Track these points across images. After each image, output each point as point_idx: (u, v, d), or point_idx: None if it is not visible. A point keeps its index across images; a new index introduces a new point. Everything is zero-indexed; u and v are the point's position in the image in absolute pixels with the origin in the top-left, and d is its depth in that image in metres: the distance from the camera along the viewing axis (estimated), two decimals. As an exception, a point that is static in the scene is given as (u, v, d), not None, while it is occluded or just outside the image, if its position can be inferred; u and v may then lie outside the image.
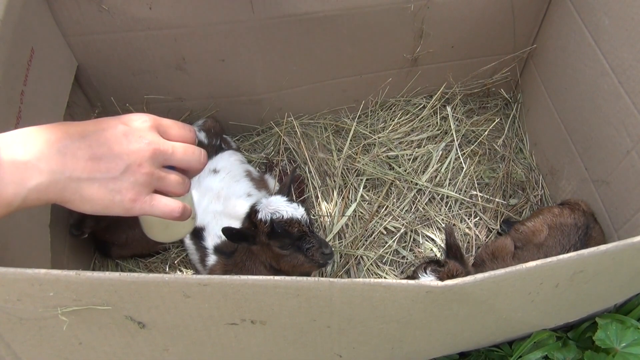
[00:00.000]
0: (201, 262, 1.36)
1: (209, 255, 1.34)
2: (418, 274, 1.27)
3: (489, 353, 1.34)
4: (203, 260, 1.36)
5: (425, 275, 1.25)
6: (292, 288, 0.75)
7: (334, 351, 1.00)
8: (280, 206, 1.18)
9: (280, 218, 1.16)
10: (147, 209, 0.78)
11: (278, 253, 1.20)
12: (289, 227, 1.17)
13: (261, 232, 1.17)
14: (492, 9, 1.55)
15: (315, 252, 1.20)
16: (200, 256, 1.37)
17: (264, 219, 1.17)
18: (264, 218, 1.17)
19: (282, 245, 1.19)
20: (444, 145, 1.73)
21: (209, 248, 1.35)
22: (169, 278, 0.71)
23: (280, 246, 1.19)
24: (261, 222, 1.17)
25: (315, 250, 1.20)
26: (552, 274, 0.88)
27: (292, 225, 1.18)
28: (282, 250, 1.19)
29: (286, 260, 1.21)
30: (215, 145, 1.56)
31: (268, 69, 1.54)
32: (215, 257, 1.33)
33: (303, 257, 1.20)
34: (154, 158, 0.78)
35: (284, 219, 1.17)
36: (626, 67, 1.26)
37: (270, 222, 1.16)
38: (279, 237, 1.17)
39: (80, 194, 0.74)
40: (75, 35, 1.32)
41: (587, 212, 1.41)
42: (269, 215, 1.17)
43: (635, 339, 1.25)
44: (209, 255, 1.34)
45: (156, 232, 0.97)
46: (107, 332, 0.81)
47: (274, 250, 1.20)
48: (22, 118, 1.07)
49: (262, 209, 1.18)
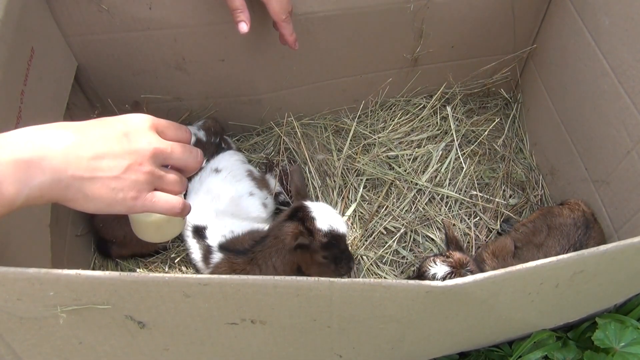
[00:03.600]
0: (204, 261, 1.36)
1: (214, 253, 1.34)
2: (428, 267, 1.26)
3: (489, 353, 1.34)
4: (206, 258, 1.35)
5: (435, 266, 1.25)
6: (292, 288, 0.76)
7: (334, 351, 1.00)
8: (337, 220, 1.22)
9: (336, 231, 1.20)
10: (148, 205, 0.81)
11: (318, 261, 1.23)
12: (340, 241, 1.22)
13: (315, 240, 1.20)
14: (492, 9, 1.55)
15: (345, 265, 1.25)
16: (204, 254, 1.36)
17: (323, 230, 1.20)
18: (323, 229, 1.20)
19: (327, 255, 1.22)
20: (444, 145, 1.73)
21: (213, 246, 1.34)
22: (169, 278, 0.71)
23: (325, 256, 1.22)
24: (319, 231, 1.20)
25: (345, 264, 1.25)
26: (552, 274, 0.88)
27: (342, 240, 1.23)
28: (324, 259, 1.23)
29: (319, 267, 1.24)
30: (215, 144, 1.56)
31: (268, 69, 1.54)
32: (220, 255, 1.32)
33: (334, 267, 1.24)
34: (154, 157, 0.81)
35: (340, 233, 1.21)
36: (626, 67, 1.26)
37: (329, 235, 1.20)
38: (330, 248, 1.21)
39: (83, 193, 0.75)
40: (75, 35, 1.32)
41: (587, 212, 1.41)
42: (329, 227, 1.20)
43: (634, 338, 1.25)
44: (214, 253, 1.34)
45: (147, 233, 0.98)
46: (107, 332, 0.81)
47: (316, 257, 1.22)
48: (22, 118, 1.07)
49: (319, 218, 1.20)
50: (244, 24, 1.23)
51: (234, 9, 1.22)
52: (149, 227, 0.96)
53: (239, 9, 1.22)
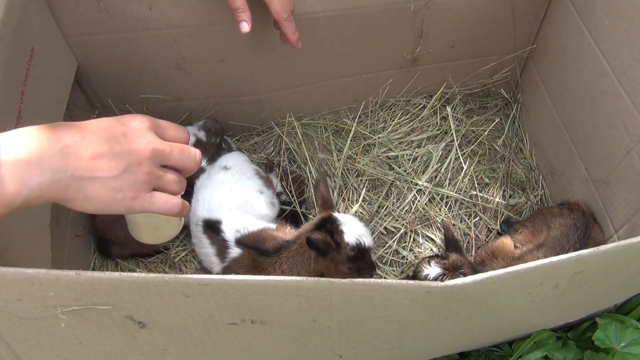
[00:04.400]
0: (219, 255, 1.34)
1: (231, 248, 1.33)
2: (422, 268, 1.28)
3: (489, 353, 1.34)
4: (222, 253, 1.34)
5: (429, 268, 1.26)
6: (292, 288, 0.76)
7: (334, 351, 1.00)
8: (364, 232, 1.24)
9: (363, 245, 1.22)
10: (147, 206, 0.81)
11: (342, 271, 1.24)
12: (366, 253, 1.24)
13: (343, 253, 1.21)
14: (492, 9, 1.55)
15: (367, 274, 1.27)
16: (218, 249, 1.34)
17: (351, 244, 1.21)
18: (351, 242, 1.21)
19: (352, 267, 1.23)
20: (444, 145, 1.73)
21: (229, 241, 1.33)
22: (169, 278, 0.71)
23: (350, 267, 1.23)
24: (347, 245, 1.21)
25: (368, 272, 1.27)
26: (552, 274, 0.88)
27: (368, 253, 1.25)
28: (348, 270, 1.24)
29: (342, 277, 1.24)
30: (215, 144, 1.56)
31: (268, 69, 1.54)
32: (239, 250, 1.31)
33: (357, 276, 1.25)
34: (153, 158, 0.81)
35: (365, 246, 1.23)
36: (626, 67, 1.26)
37: (356, 248, 1.21)
38: (356, 261, 1.23)
39: (82, 193, 0.75)
40: (75, 35, 1.32)
41: (587, 212, 1.41)
42: (356, 240, 1.22)
43: (634, 338, 1.25)
44: (231, 247, 1.33)
45: (144, 234, 0.98)
46: (107, 332, 0.81)
47: (341, 268, 1.24)
48: (22, 118, 1.07)
49: (347, 231, 1.22)
50: (245, 24, 1.23)
51: (235, 9, 1.22)
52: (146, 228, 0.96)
53: (240, 9, 1.22)
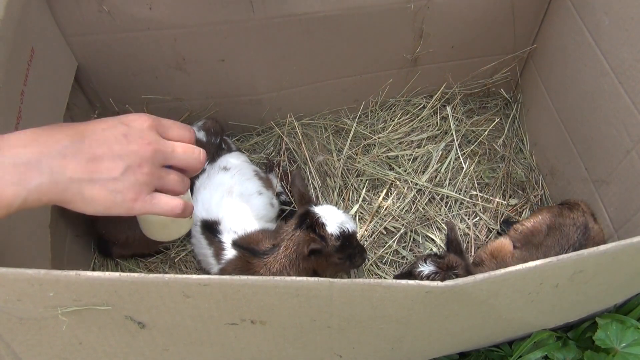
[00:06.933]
0: (215, 256, 1.34)
1: (227, 250, 1.32)
2: (418, 265, 1.28)
3: (489, 353, 1.34)
4: (218, 254, 1.34)
5: (425, 265, 1.27)
6: (292, 288, 0.76)
7: (334, 351, 1.00)
8: (344, 219, 1.22)
9: (347, 232, 1.21)
10: (148, 207, 0.79)
11: (334, 262, 1.23)
12: (352, 239, 1.23)
13: (330, 245, 1.20)
14: (492, 9, 1.55)
15: (359, 258, 1.26)
16: (215, 250, 1.34)
17: (335, 234, 1.20)
18: (335, 233, 1.20)
19: (342, 256, 1.23)
20: (444, 145, 1.73)
21: (226, 242, 1.33)
22: (169, 278, 0.71)
23: (340, 257, 1.23)
24: (331, 236, 1.20)
25: (359, 257, 1.26)
26: (552, 274, 0.88)
27: (354, 238, 1.23)
28: (339, 260, 1.23)
29: (335, 267, 1.26)
30: (215, 144, 1.56)
31: (268, 69, 1.54)
32: (234, 252, 1.31)
33: (349, 262, 1.25)
34: (154, 158, 0.79)
35: (350, 233, 1.21)
36: (626, 67, 1.26)
37: (341, 237, 1.20)
38: (344, 249, 1.22)
39: (81, 195, 0.74)
40: (75, 35, 1.32)
41: (587, 212, 1.41)
42: (339, 229, 1.20)
43: (635, 339, 1.25)
44: (226, 249, 1.32)
45: (155, 232, 0.98)
46: (107, 332, 0.81)
47: (332, 260, 1.23)
48: (22, 118, 1.07)
49: (328, 222, 1.20)
50: None
51: None
52: (154, 226, 0.96)
53: None
